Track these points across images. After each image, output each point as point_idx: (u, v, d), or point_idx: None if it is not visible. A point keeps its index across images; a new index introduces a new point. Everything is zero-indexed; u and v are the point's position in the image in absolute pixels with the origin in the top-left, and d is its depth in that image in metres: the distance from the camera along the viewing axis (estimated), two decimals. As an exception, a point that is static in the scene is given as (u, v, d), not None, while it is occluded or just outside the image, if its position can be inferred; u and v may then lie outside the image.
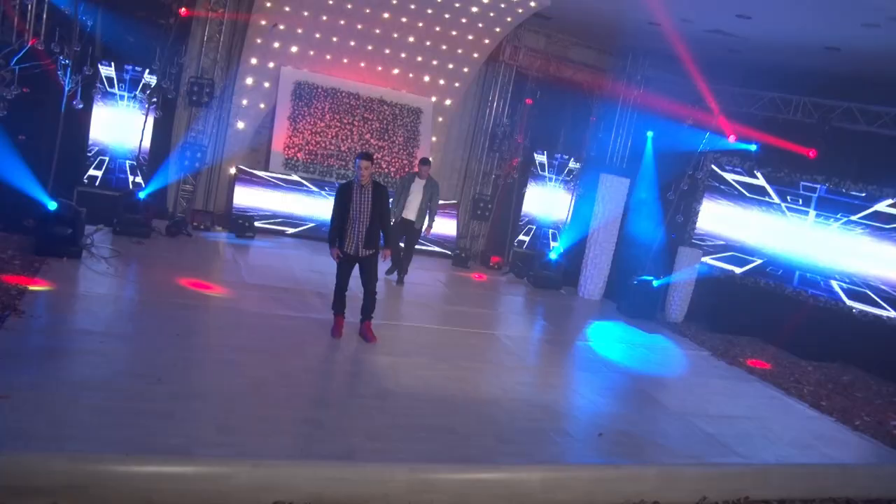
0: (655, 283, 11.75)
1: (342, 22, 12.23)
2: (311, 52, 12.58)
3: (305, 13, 11.95)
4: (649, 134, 13.37)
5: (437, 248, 13.17)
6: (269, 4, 11.63)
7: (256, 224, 11.84)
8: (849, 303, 11.01)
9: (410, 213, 10.35)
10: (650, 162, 13.21)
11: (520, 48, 13.84)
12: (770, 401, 8.45)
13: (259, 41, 12.02)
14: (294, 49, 12.44)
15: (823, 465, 6.70)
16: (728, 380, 9.04)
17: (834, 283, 11.24)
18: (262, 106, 12.63)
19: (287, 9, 11.78)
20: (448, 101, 13.89)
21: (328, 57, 12.73)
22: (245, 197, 12.10)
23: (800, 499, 6.09)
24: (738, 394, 8.51)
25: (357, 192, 7.16)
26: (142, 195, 10.25)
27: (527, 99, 13.73)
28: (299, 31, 12.20)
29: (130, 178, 11.13)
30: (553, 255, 12.78)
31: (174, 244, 10.33)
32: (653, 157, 13.17)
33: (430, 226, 10.45)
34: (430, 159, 11.00)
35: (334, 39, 12.50)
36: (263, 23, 11.83)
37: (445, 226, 13.41)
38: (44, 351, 5.84)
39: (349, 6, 11.95)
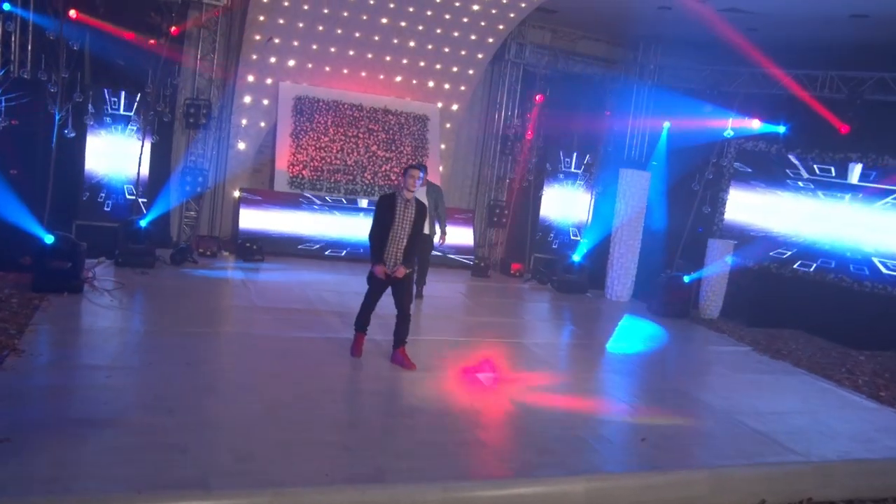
0: (686, 278, 11.49)
1: (339, 31, 12.16)
2: (310, 65, 12.51)
3: (300, 24, 11.89)
4: (666, 125, 13.19)
5: (455, 258, 12.99)
6: (262, 18, 11.58)
7: (265, 246, 11.73)
8: (897, 286, 10.68)
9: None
10: (662, 154, 13.05)
11: (525, 45, 13.72)
12: (822, 394, 8.15)
13: (255, 57, 11.97)
14: (291, 63, 12.38)
15: (893, 460, 6.39)
16: (773, 374, 8.77)
17: (879, 266, 10.91)
18: (262, 124, 12.56)
19: (281, 21, 11.73)
20: (455, 106, 13.77)
21: (327, 69, 12.66)
22: (251, 220, 11.99)
23: (870, 498, 5.81)
24: (786, 388, 8.24)
25: (401, 206, 6.93)
26: (143, 223, 10.15)
27: (537, 96, 13.53)
28: (295, 43, 12.14)
29: (130, 207, 11.05)
30: (576, 258, 12.55)
31: (180, 272, 10.22)
32: (668, 149, 12.99)
33: (443, 234, 10.22)
34: (425, 164, 10.61)
35: (332, 50, 12.43)
36: (258, 38, 11.78)
37: (462, 235, 13.22)
38: (46, 390, 5.70)
39: (345, 14, 11.88)
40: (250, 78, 12.17)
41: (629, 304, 12.08)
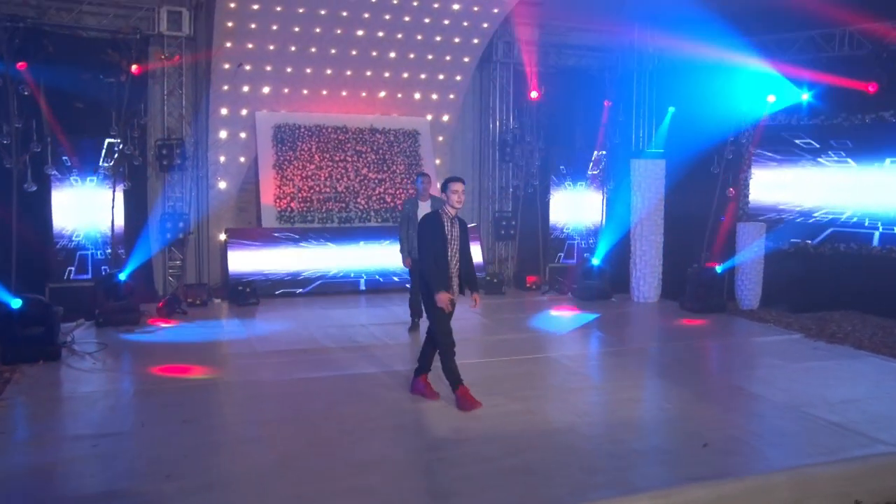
0: (719, 269, 11.07)
1: (313, 49, 11.87)
2: (286, 90, 12.20)
3: (271, 47, 11.60)
4: (670, 109, 12.87)
5: None
6: (229, 45, 11.28)
7: (259, 288, 11.32)
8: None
9: None
10: (662, 140, 12.79)
11: (513, 44, 13.44)
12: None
13: (226, 88, 11.66)
14: (266, 90, 12.07)
15: None
16: (835, 360, 8.31)
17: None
18: (242, 159, 12.24)
19: (250, 46, 11.44)
20: (446, 117, 13.45)
21: (305, 92, 12.36)
22: (241, 262, 11.60)
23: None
24: (853, 373, 7.77)
25: (448, 225, 6.39)
26: (122, 277, 9.74)
27: (532, 93, 13.12)
28: (268, 68, 11.84)
29: (107, 262, 10.65)
30: (595, 262, 12.14)
31: (169, 325, 9.79)
32: (680, 134, 12.60)
33: None
34: (428, 173, 10.23)
35: (308, 71, 12.13)
36: (227, 67, 11.48)
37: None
38: (26, 469, 5.25)
39: (317, 30, 11.60)
40: (223, 111, 11.86)
41: (659, 305, 11.68)
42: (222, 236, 11.89)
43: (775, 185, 11.95)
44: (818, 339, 9.22)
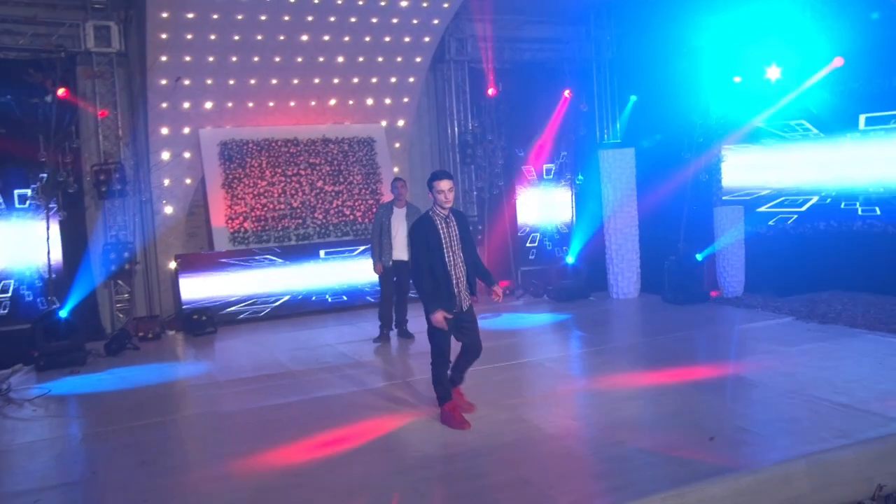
0: (699, 256, 10.92)
1: (256, 59, 11.48)
2: (230, 104, 11.79)
3: (210, 59, 11.18)
4: (632, 98, 12.75)
5: None
6: (164, 59, 10.83)
7: (216, 315, 10.84)
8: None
9: (401, 252, 9.17)
10: (625, 127, 12.71)
11: (466, 40, 13.22)
12: (897, 349, 7.55)
13: (165, 105, 11.20)
14: (208, 105, 11.64)
15: None
16: (831, 340, 8.17)
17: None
18: (188, 181, 11.77)
19: (188, 58, 11.01)
20: (401, 122, 13.15)
21: (250, 104, 11.95)
22: (194, 289, 11.10)
23: None
24: (853, 352, 7.61)
25: (442, 226, 5.98)
26: (63, 314, 9.19)
27: (490, 90, 12.88)
28: (209, 81, 11.41)
29: (44, 300, 10.08)
30: (570, 261, 11.90)
31: (119, 362, 9.28)
32: (638, 122, 12.54)
33: None
34: (403, 178, 9.99)
35: (252, 82, 11.73)
36: (164, 83, 11.03)
37: (436, 262, 12.51)
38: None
39: (259, 37, 11.21)
40: (164, 130, 11.40)
41: (640, 300, 11.49)
42: (172, 264, 11.38)
43: (748, 167, 11.82)
44: (810, 321, 9.07)
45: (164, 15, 10.40)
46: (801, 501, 4.86)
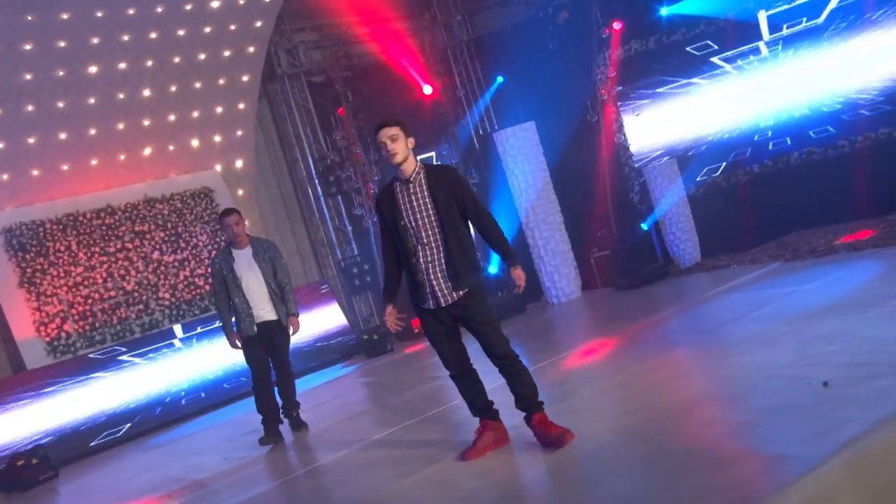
0: (644, 226, 9.55)
1: (30, 108, 9.03)
2: (5, 176, 9.23)
3: (-31, 116, 8.64)
4: (498, 80, 11.56)
5: (327, 345, 10.19)
6: None
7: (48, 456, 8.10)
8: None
9: (264, 310, 6.64)
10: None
11: (295, 51, 11.40)
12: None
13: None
14: (-27, 183, 9.02)
15: None
16: (843, 268, 6.97)
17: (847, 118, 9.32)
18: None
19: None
20: (239, 162, 11.08)
21: (35, 172, 9.45)
22: (10, 428, 8.38)
23: None
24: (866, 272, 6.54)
25: (404, 194, 4.52)
26: None
27: (338, 109, 11.19)
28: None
29: None
30: (492, 271, 10.18)
31: None
32: (534, 98, 11.15)
33: (294, 312, 6.80)
34: (234, 208, 7.43)
35: (31, 141, 9.23)
36: None
37: (327, 316, 10.42)
38: None
39: (28, 77, 8.79)
40: (-79, 226, 8.66)
41: (586, 297, 9.96)
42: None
43: (662, 121, 10.55)
44: (804, 260, 7.93)
45: None
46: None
